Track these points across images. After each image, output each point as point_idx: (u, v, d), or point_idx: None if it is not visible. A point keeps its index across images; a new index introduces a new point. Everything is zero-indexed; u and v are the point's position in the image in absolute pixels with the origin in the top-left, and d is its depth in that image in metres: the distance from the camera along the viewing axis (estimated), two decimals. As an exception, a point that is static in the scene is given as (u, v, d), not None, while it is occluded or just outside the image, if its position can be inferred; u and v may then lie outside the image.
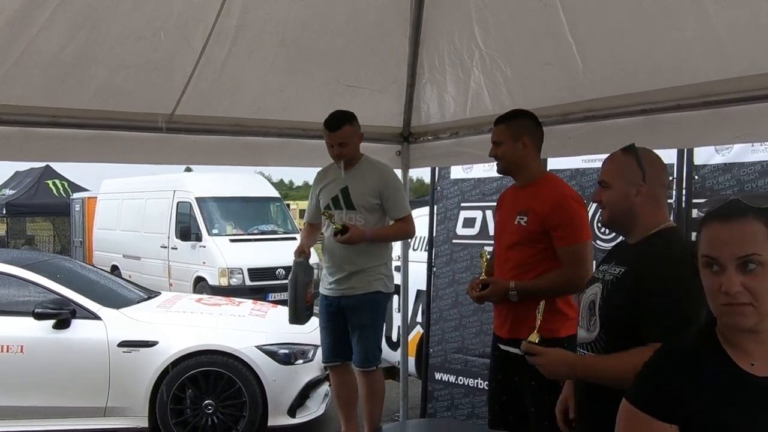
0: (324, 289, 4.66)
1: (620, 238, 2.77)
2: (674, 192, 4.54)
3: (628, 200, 2.49)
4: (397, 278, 5.91)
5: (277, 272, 13.13)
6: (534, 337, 2.59)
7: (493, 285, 3.52)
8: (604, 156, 4.82)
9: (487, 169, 5.61)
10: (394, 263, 6.68)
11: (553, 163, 5.12)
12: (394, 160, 5.27)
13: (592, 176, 4.98)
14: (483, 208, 5.73)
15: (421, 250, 6.77)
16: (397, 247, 6.39)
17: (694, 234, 4.38)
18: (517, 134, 3.56)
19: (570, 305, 3.52)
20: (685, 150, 4.47)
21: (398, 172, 5.43)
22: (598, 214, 4.88)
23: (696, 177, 4.50)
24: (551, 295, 3.41)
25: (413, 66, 4.69)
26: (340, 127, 4.34)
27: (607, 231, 4.85)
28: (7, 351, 5.78)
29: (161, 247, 14.70)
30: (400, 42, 4.55)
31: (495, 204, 5.53)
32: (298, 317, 4.68)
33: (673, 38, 3.32)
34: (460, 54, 4.32)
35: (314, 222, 4.77)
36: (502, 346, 3.12)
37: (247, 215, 14.59)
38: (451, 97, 4.67)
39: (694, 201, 4.48)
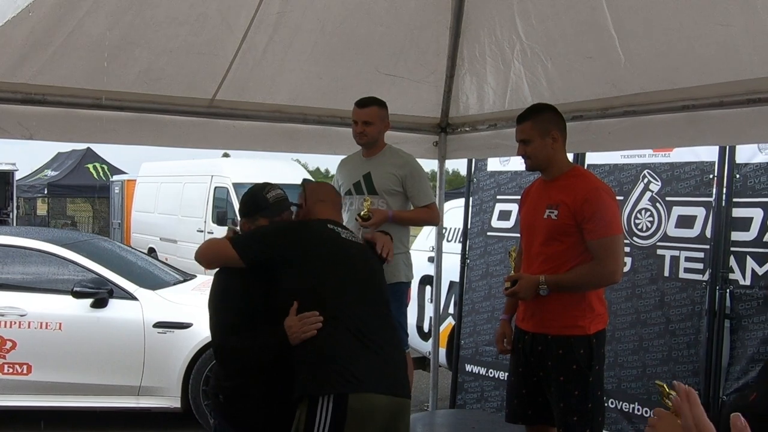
0: None
1: None
2: (714, 190, 4.48)
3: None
4: (431, 269, 5.92)
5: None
6: None
7: (522, 280, 3.45)
8: (644, 151, 4.85)
9: (525, 162, 5.58)
10: (428, 254, 6.71)
11: (591, 158, 5.09)
12: (431, 150, 5.27)
13: (631, 172, 4.93)
14: (519, 202, 5.71)
15: (455, 241, 6.76)
16: (431, 238, 6.39)
17: (734, 233, 4.35)
18: (545, 129, 3.47)
19: (601, 300, 3.48)
20: (727, 148, 4.40)
21: (434, 163, 5.43)
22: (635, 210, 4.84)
23: (737, 176, 4.43)
24: (582, 288, 3.39)
25: (453, 56, 4.67)
26: (369, 106, 4.35)
27: (645, 228, 4.80)
28: (46, 328, 5.90)
29: (197, 231, 14.85)
30: (441, 32, 4.54)
31: (532, 197, 5.54)
32: None
33: (718, 33, 3.27)
34: (501, 45, 4.30)
35: None
36: None
37: (284, 202, 14.64)
38: (491, 88, 4.65)
39: (735, 200, 4.41)
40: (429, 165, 5.47)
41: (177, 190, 16.02)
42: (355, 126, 4.41)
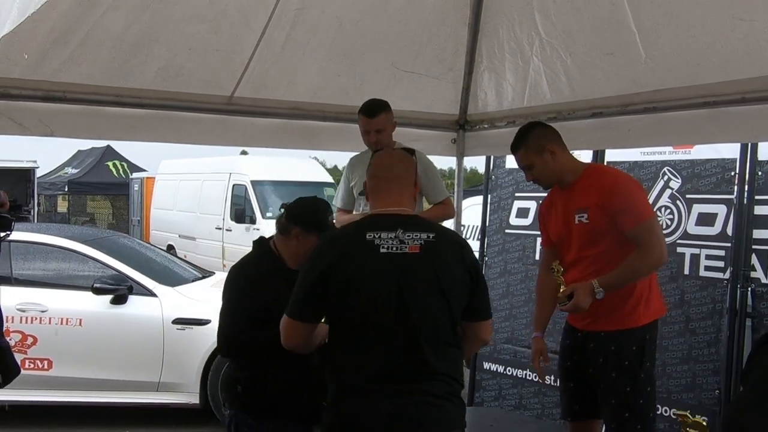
0: None
1: None
2: (736, 188, 4.44)
3: None
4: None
5: (328, 257, 13.18)
6: None
7: (578, 291, 3.35)
8: (664, 148, 4.81)
9: (543, 160, 5.56)
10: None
11: (611, 155, 5.05)
12: (449, 147, 5.25)
13: (651, 169, 4.89)
14: (538, 199, 5.67)
15: (473, 239, 6.75)
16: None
17: (756, 231, 4.30)
18: (539, 148, 3.47)
19: (652, 290, 3.45)
20: (749, 145, 4.35)
21: (453, 160, 5.42)
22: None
23: (759, 173, 4.38)
24: (636, 278, 3.37)
25: (472, 53, 4.65)
26: (378, 114, 4.28)
27: (665, 225, 4.76)
28: (67, 324, 5.96)
29: (216, 228, 14.94)
30: (459, 28, 4.52)
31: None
32: None
33: (739, 28, 3.23)
34: (519, 42, 4.28)
35: (347, 208, 4.72)
36: None
37: (301, 199, 14.65)
38: (510, 85, 4.63)
39: (757, 197, 4.36)
40: (447, 162, 5.47)
41: (195, 187, 16.11)
42: (367, 135, 4.34)
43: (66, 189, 25.31)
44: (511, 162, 5.96)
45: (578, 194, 3.47)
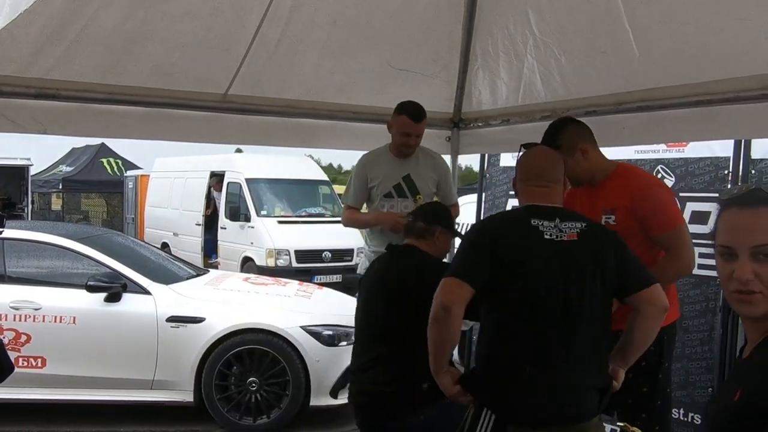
0: None
1: None
2: (729, 186, 4.45)
3: None
4: (443, 264, 5.90)
5: (323, 255, 13.17)
6: None
7: None
8: (658, 147, 4.81)
9: (538, 158, 5.56)
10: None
11: (605, 153, 5.05)
12: (444, 145, 5.25)
13: (645, 167, 4.90)
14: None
15: (467, 237, 6.73)
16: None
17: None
18: (571, 146, 3.39)
19: (670, 292, 3.38)
20: (742, 143, 4.37)
21: (447, 159, 5.41)
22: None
23: (753, 171, 4.39)
24: (662, 285, 3.34)
25: (466, 51, 4.65)
26: (423, 119, 4.25)
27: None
28: (60, 321, 5.94)
29: (195, 224, 15.04)
30: (453, 27, 4.52)
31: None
32: None
33: (733, 27, 3.24)
34: (514, 40, 4.28)
35: (357, 206, 4.68)
36: None
37: (296, 197, 14.68)
38: (504, 83, 4.63)
39: (750, 196, 4.37)
40: (442, 160, 5.43)
41: (189, 185, 16.10)
42: (407, 138, 4.28)
43: (60, 187, 25.25)
44: (505, 160, 5.98)
45: (607, 194, 3.40)
